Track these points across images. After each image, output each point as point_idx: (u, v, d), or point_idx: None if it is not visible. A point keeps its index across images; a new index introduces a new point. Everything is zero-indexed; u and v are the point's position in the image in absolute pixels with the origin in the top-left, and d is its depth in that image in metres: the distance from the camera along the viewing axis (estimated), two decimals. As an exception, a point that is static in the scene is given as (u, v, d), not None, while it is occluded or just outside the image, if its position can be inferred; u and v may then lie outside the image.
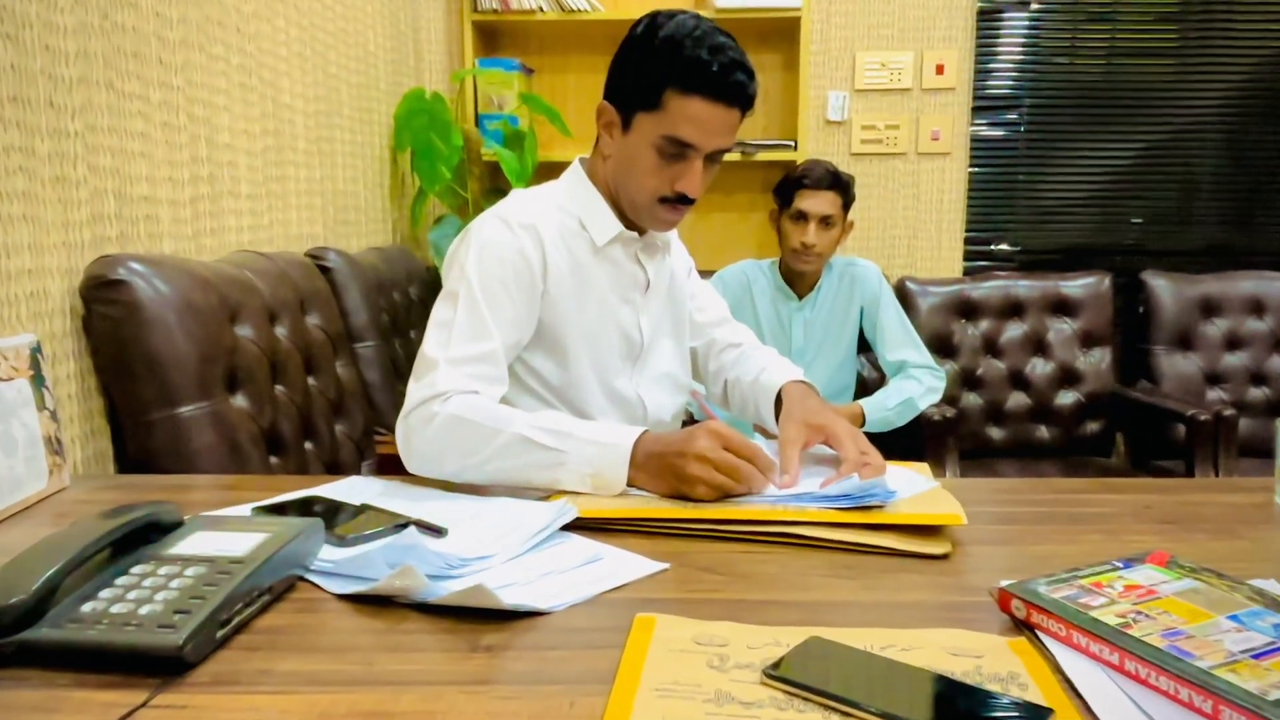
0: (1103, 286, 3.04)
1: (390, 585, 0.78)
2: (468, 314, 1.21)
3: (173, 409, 1.35)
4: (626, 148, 1.30)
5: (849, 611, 0.78)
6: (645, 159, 1.27)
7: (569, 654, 0.71)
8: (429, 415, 1.12)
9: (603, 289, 1.35)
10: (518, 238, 1.26)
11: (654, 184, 1.28)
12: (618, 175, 1.33)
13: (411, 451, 1.14)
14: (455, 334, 1.19)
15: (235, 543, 0.80)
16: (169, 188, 1.60)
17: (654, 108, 1.24)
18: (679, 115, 1.23)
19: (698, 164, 1.27)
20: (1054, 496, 1.13)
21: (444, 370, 1.16)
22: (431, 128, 2.69)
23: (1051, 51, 3.18)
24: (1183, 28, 3.15)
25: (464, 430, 1.10)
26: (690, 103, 1.22)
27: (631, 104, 1.27)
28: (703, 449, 1.01)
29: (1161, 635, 0.67)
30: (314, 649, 0.72)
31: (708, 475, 1.00)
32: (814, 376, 2.46)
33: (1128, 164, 3.23)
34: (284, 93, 2.06)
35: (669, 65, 1.22)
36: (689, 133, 1.24)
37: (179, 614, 0.69)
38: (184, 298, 1.39)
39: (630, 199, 1.32)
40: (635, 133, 1.28)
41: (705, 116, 1.23)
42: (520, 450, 1.08)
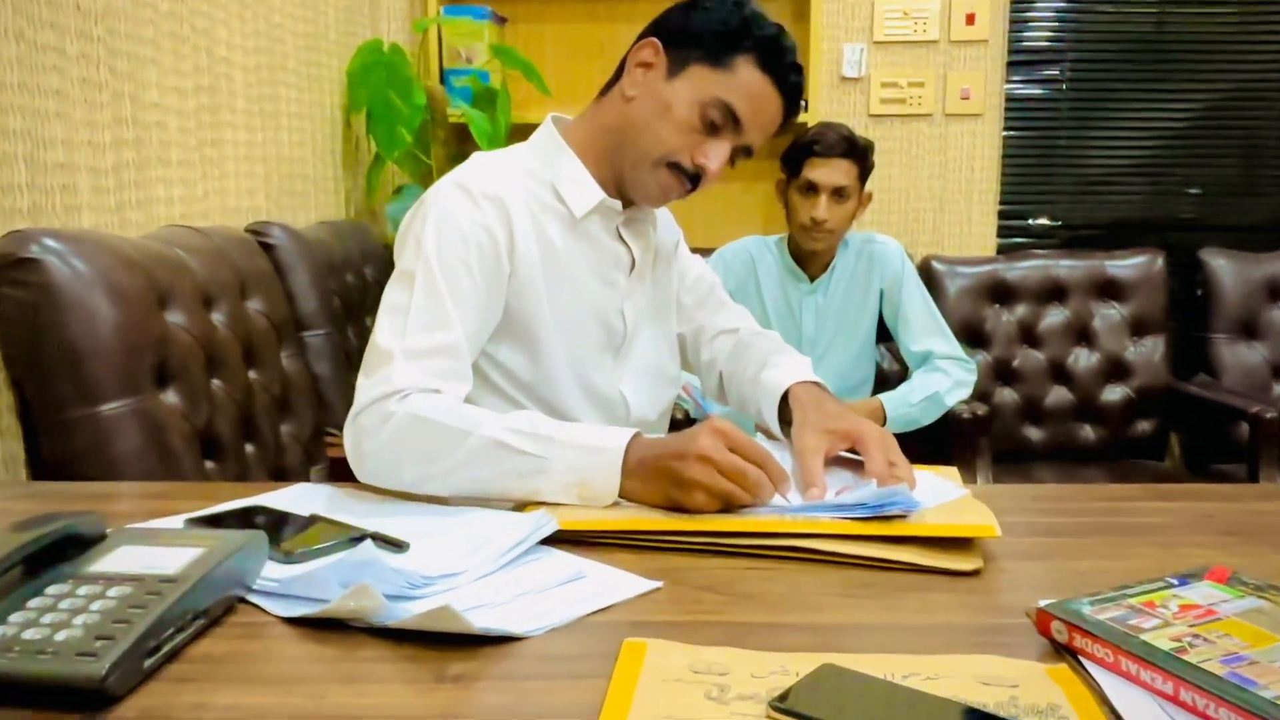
0: (1155, 267, 3.05)
1: (344, 607, 0.78)
2: (425, 298, 1.19)
3: (93, 406, 1.35)
4: (665, 94, 1.30)
5: (867, 636, 0.78)
6: (683, 114, 1.29)
7: (548, 685, 0.70)
8: (384, 415, 1.10)
9: (580, 270, 1.34)
10: (481, 210, 1.25)
11: (677, 143, 1.29)
12: (633, 121, 1.32)
13: (363, 457, 1.13)
14: (411, 322, 1.18)
15: (166, 559, 0.79)
16: (89, 153, 1.59)
17: (721, 66, 1.29)
18: (745, 85, 1.28)
19: (728, 144, 1.31)
20: (1100, 505, 1.13)
21: (400, 364, 1.14)
22: (390, 85, 2.68)
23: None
24: (1247, -28, 3.16)
25: (425, 433, 1.09)
26: (760, 80, 1.29)
27: (693, 52, 1.30)
28: (705, 448, 1.00)
29: (1221, 661, 0.67)
30: (257, 680, 0.71)
31: (709, 479, 0.99)
32: (828, 368, 2.48)
33: (1184, 127, 3.24)
34: (220, 44, 2.05)
35: (754, 34, 1.29)
36: (746, 108, 1.29)
37: (101, 640, 0.69)
38: (106, 279, 1.38)
39: (636, 151, 1.32)
40: (685, 82, 1.30)
41: (767, 100, 1.30)
42: (492, 456, 1.07)
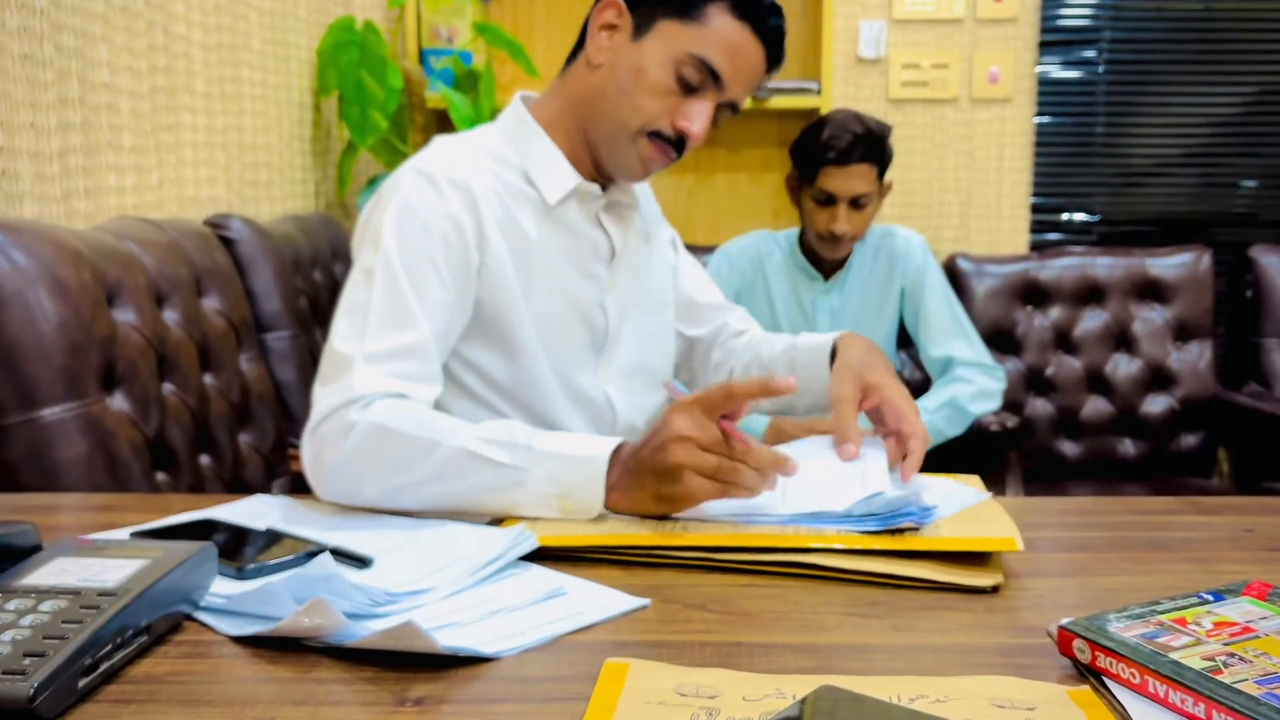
0: (1201, 266, 3.05)
1: (298, 624, 0.78)
2: (386, 296, 1.19)
3: (33, 411, 1.35)
4: (634, 57, 1.30)
5: (873, 657, 0.78)
6: (657, 76, 1.29)
7: (520, 708, 0.71)
8: (345, 426, 1.10)
9: (556, 261, 1.35)
10: (445, 200, 1.25)
11: (655, 108, 1.29)
12: (604, 91, 1.32)
13: (323, 472, 1.13)
14: (372, 322, 1.18)
15: (106, 571, 0.80)
16: (31, 136, 1.60)
17: (692, 18, 1.28)
18: (720, 37, 1.27)
19: (710, 103, 1.30)
20: (1132, 519, 1.13)
21: (360, 369, 1.14)
22: (363, 66, 2.69)
23: (1138, -26, 3.21)
24: (1301, -56, 3.18)
25: (390, 444, 1.09)
26: (737, 28, 1.28)
27: (659, 6, 1.29)
28: (680, 428, 1.01)
29: (1258, 682, 0.67)
30: (203, 701, 0.72)
31: (694, 458, 0.99)
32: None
33: (1234, 113, 3.25)
34: (178, 20, 2.06)
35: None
36: (723, 60, 1.28)
37: (31, 657, 0.69)
38: (49, 273, 1.39)
39: (612, 123, 1.32)
40: (654, 41, 1.29)
41: (746, 50, 1.29)
42: (464, 468, 1.07)
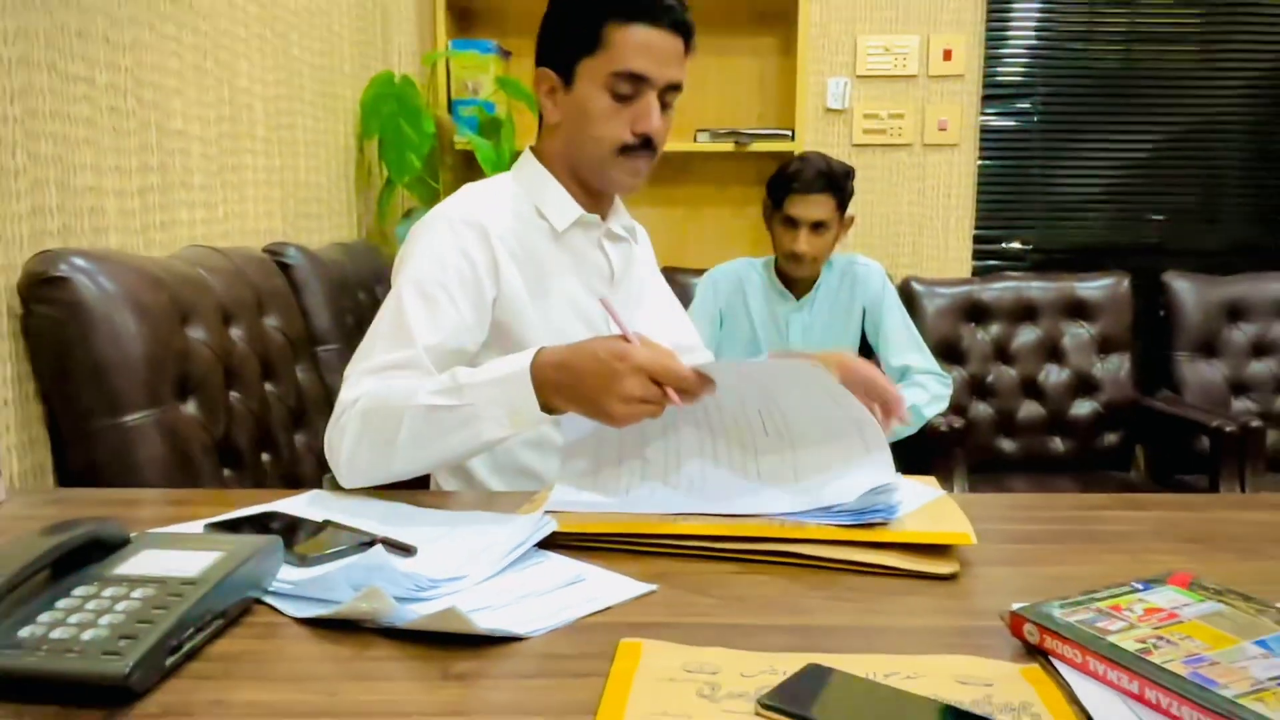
0: (1121, 288, 3.06)
1: (355, 608, 0.78)
2: (391, 323, 1.23)
3: (118, 417, 1.34)
4: (574, 104, 1.30)
5: (850, 636, 0.78)
6: (598, 106, 1.28)
7: (548, 683, 0.70)
8: (342, 429, 1.14)
9: (566, 282, 1.35)
10: (460, 237, 1.27)
11: (612, 131, 1.29)
12: (571, 138, 1.33)
13: (339, 466, 1.15)
14: (378, 344, 1.22)
15: (186, 562, 0.79)
16: (116, 178, 1.60)
17: (596, 48, 1.27)
18: (624, 47, 1.26)
19: (653, 99, 1.29)
20: (1069, 513, 1.13)
21: (353, 381, 1.19)
22: (401, 114, 2.69)
23: (1067, 36, 3.21)
24: (1207, 11, 3.18)
25: (373, 421, 1.11)
26: (633, 31, 1.25)
27: (570, 56, 1.29)
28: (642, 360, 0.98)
29: (1184, 662, 0.67)
30: (272, 677, 0.71)
31: (646, 390, 0.97)
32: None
33: (1148, 157, 3.25)
34: (241, 76, 2.05)
35: (602, 1, 1.26)
36: (638, 63, 1.26)
37: (125, 639, 0.68)
38: (131, 296, 1.38)
39: (589, 158, 1.32)
40: (581, 83, 1.29)
41: (651, 42, 1.26)
42: (429, 420, 1.08)
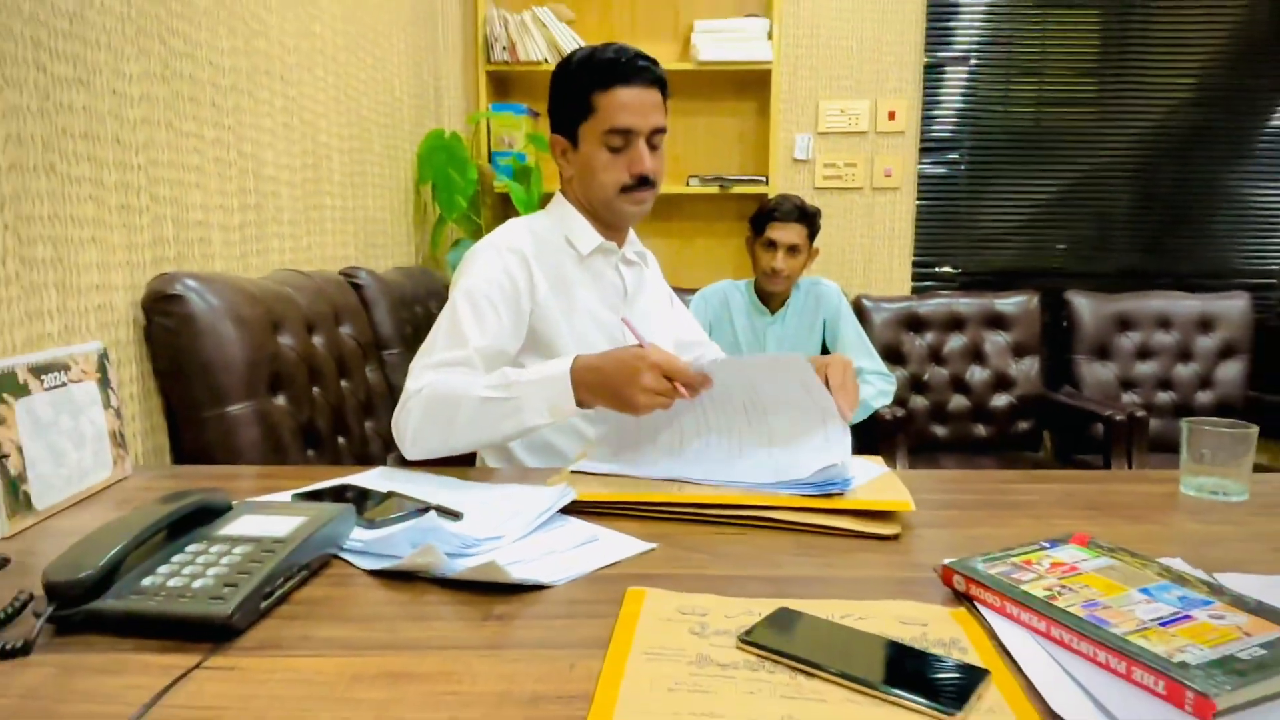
0: (1031, 304, 3.06)
1: (413, 562, 0.78)
2: (448, 329, 1.24)
3: (222, 408, 1.35)
4: (581, 160, 1.33)
5: (813, 585, 0.78)
6: (598, 159, 1.30)
7: (570, 622, 0.71)
8: (409, 411, 1.16)
9: (588, 298, 1.36)
10: (504, 260, 1.29)
11: (612, 177, 1.31)
12: (583, 187, 1.35)
13: (405, 442, 1.17)
14: (437, 344, 1.23)
15: (277, 525, 0.80)
16: (220, 214, 1.60)
17: (589, 114, 1.29)
18: (610, 109, 1.28)
19: (641, 145, 1.30)
20: (990, 486, 1.13)
21: (417, 374, 1.19)
22: (450, 163, 2.69)
23: (987, 101, 3.21)
24: (1100, 81, 3.18)
25: (436, 409, 1.13)
26: (614, 94, 1.27)
27: (572, 123, 1.32)
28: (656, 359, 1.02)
29: (1082, 606, 0.68)
30: (345, 618, 0.72)
31: (658, 384, 1.01)
32: (782, 381, 2.48)
33: (1053, 198, 3.25)
34: (321, 132, 2.06)
35: (587, 76, 1.29)
36: (623, 119, 1.28)
37: (228, 587, 0.69)
38: (232, 310, 1.38)
39: (599, 200, 1.34)
40: (583, 143, 1.32)
41: (630, 100, 1.28)
42: (483, 410, 1.10)
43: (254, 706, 0.58)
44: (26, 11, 1.12)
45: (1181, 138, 3.19)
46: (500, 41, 2.99)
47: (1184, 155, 3.19)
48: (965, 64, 3.19)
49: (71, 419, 1.05)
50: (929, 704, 0.57)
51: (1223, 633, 0.63)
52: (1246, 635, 0.63)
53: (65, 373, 1.06)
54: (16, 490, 0.93)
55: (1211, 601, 0.68)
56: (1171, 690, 0.57)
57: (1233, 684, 0.57)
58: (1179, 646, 0.61)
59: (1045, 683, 0.61)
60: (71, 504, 1.02)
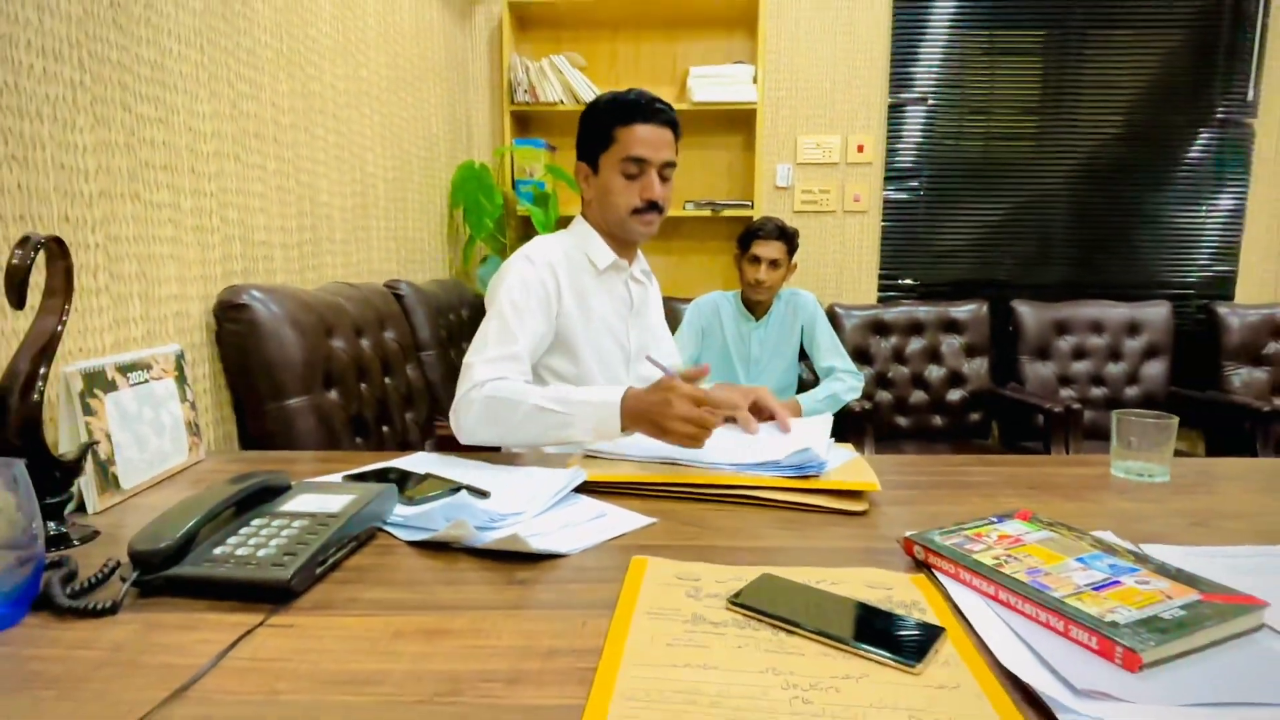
0: (982, 311, 3.05)
1: (447, 534, 0.78)
2: (498, 327, 1.23)
3: (282, 401, 1.35)
4: (600, 184, 1.33)
5: (792, 555, 0.78)
6: (615, 184, 1.31)
7: (582, 586, 0.71)
8: (470, 401, 1.14)
9: (602, 308, 1.36)
10: (538, 270, 1.28)
11: (626, 200, 1.31)
12: (601, 209, 1.35)
13: (461, 430, 1.15)
14: (490, 341, 1.22)
15: (330, 502, 0.80)
16: (281, 234, 1.60)
17: (609, 144, 1.30)
18: (628, 140, 1.29)
19: (653, 174, 1.31)
20: (945, 469, 1.13)
21: (479, 367, 1.18)
22: (479, 191, 2.70)
23: (943, 135, 3.20)
24: (1040, 119, 3.17)
25: (495, 407, 1.12)
26: (632, 129, 1.29)
27: (595, 152, 1.33)
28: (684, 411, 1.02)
29: (1026, 573, 0.67)
30: (389, 582, 0.72)
31: (689, 412, 1.01)
32: (768, 378, 2.48)
33: (999, 219, 3.24)
34: (368, 163, 2.06)
35: (611, 113, 1.30)
36: (638, 150, 1.29)
37: (287, 556, 0.69)
38: (291, 317, 1.39)
39: (613, 221, 1.34)
40: (603, 170, 1.32)
41: (647, 135, 1.29)
42: (538, 417, 1.10)
43: (309, 658, 0.58)
44: (114, 59, 1.12)
45: (1110, 168, 3.18)
46: (522, 85, 2.99)
47: (1113, 183, 3.18)
48: (924, 104, 3.18)
49: (153, 411, 1.05)
50: (893, 657, 0.57)
51: (1148, 596, 0.63)
52: (1168, 598, 0.63)
53: (148, 371, 1.06)
54: (106, 472, 0.94)
55: (1138, 569, 0.68)
56: (1103, 645, 0.57)
57: (1156, 640, 0.57)
58: (1110, 608, 0.61)
59: (994, 639, 0.60)
60: (153, 484, 1.02)
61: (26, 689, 0.55)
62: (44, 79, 1.00)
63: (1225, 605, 0.61)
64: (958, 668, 0.57)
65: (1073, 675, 0.55)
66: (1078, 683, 0.54)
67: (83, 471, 0.88)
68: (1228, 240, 3.20)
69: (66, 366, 0.93)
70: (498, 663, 0.58)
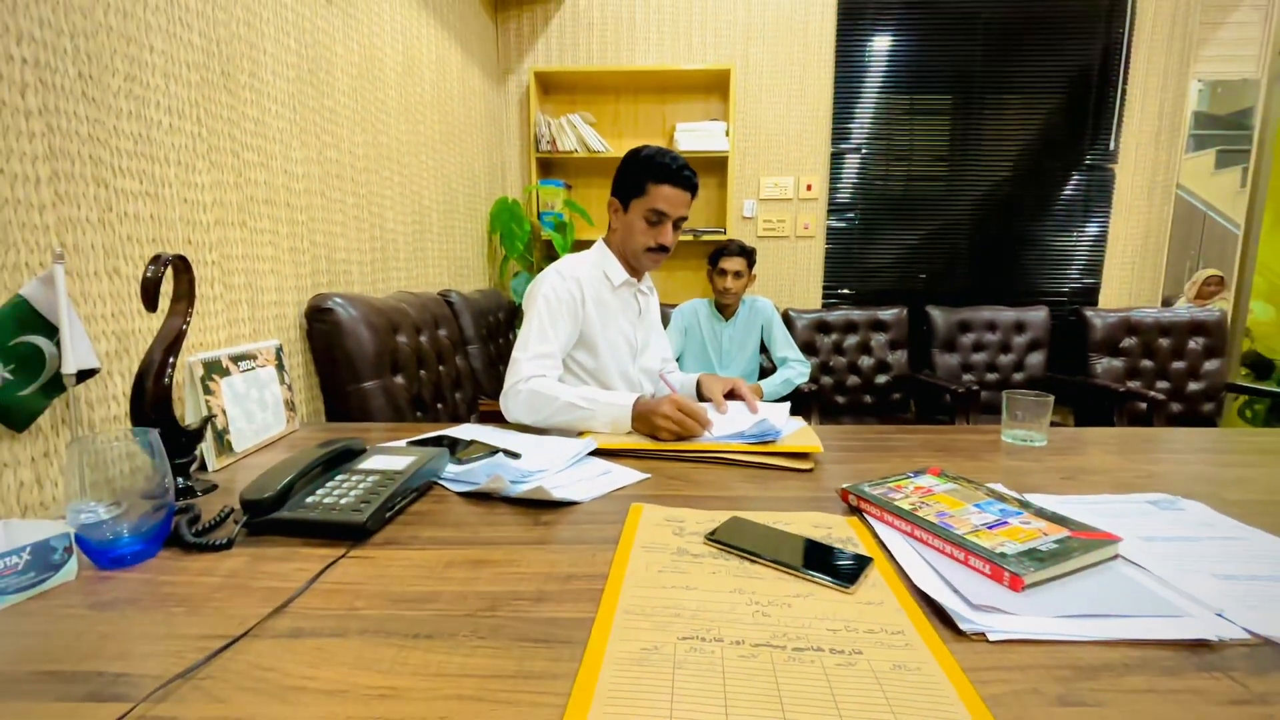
0: (903, 314, 3.05)
1: (488, 486, 0.78)
2: (538, 330, 1.22)
3: (359, 384, 1.35)
4: (626, 221, 1.31)
5: (756, 503, 0.78)
6: (639, 226, 1.29)
7: (592, 527, 0.71)
8: (518, 391, 1.13)
9: (617, 314, 1.35)
10: (568, 283, 1.27)
11: (644, 240, 1.29)
12: (623, 239, 1.33)
13: (509, 412, 1.15)
14: (531, 341, 1.21)
15: (397, 462, 0.80)
16: (357, 253, 1.59)
17: (641, 194, 1.27)
18: (656, 196, 1.26)
19: (669, 226, 1.29)
20: (874, 437, 1.13)
21: (524, 364, 1.17)
22: (511, 220, 2.68)
23: (874, 177, 3.18)
24: (950, 163, 3.16)
25: (536, 400, 1.11)
26: (662, 188, 1.26)
27: (628, 195, 1.29)
28: (667, 411, 1.02)
29: (936, 515, 0.68)
30: (442, 524, 0.72)
31: (675, 416, 1.01)
32: (736, 368, 2.48)
33: (917, 242, 3.23)
34: (425, 197, 2.05)
35: (649, 169, 1.26)
36: (663, 205, 1.27)
37: (363, 503, 0.69)
38: (365, 318, 1.38)
39: (631, 252, 1.32)
40: (631, 211, 1.29)
41: (673, 195, 1.27)
42: (569, 410, 1.09)
43: (380, 582, 0.58)
44: (225, 116, 1.11)
45: (1003, 202, 3.17)
46: (545, 137, 2.97)
47: (1005, 213, 3.17)
48: (858, 152, 3.17)
49: (258, 391, 1.05)
50: (833, 580, 0.57)
51: (1029, 533, 0.63)
52: (1045, 535, 0.63)
53: (254, 361, 1.06)
54: (222, 439, 0.93)
55: (1021, 512, 0.69)
56: (995, 571, 0.58)
57: (1035, 567, 0.57)
58: (999, 542, 0.61)
59: (910, 567, 0.61)
60: (259, 448, 1.02)
61: (162, 606, 0.55)
62: (170, 131, 0.99)
63: (1089, 540, 0.62)
64: (883, 589, 0.57)
65: (971, 593, 0.55)
66: (974, 599, 0.54)
67: (204, 438, 0.88)
68: (1093, 258, 3.20)
69: (190, 357, 0.92)
70: (527, 585, 0.58)
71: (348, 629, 0.52)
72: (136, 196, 0.93)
